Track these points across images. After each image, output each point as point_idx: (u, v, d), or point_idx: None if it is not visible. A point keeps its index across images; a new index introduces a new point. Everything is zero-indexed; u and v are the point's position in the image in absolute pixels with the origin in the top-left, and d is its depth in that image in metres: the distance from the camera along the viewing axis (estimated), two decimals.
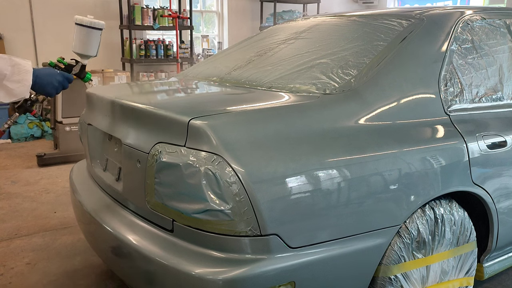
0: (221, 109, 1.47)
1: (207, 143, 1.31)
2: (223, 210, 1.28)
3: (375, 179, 1.46)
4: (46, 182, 3.91)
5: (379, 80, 1.64)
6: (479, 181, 1.74)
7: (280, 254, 1.32)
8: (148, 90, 2.21)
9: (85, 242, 2.57)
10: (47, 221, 3.05)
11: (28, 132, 5.51)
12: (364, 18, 2.11)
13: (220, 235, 1.32)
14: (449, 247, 1.73)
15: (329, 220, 1.40)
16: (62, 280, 2.32)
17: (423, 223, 1.62)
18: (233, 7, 7.98)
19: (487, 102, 1.90)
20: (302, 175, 1.34)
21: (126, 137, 1.64)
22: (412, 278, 1.64)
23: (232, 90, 1.91)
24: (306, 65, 1.84)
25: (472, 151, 1.71)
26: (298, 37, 2.21)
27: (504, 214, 1.86)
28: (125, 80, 6.08)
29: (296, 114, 1.48)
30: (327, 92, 1.60)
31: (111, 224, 1.64)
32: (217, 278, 1.27)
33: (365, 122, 1.53)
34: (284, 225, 1.32)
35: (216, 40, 8.16)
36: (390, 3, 9.40)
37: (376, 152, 1.49)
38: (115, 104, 1.81)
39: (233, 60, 2.33)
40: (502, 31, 2.06)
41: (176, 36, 6.21)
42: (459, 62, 1.83)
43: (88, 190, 2.00)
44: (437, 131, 1.68)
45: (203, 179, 1.29)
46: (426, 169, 1.57)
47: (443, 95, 1.74)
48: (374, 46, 1.78)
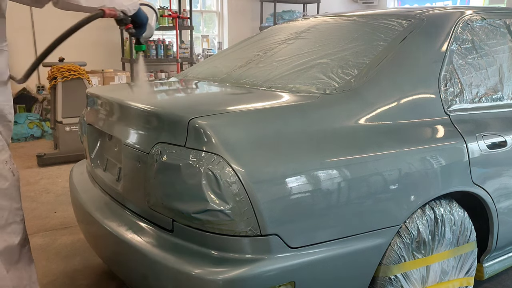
0: (221, 109, 1.47)
1: (207, 143, 1.31)
2: (223, 210, 1.28)
3: (375, 179, 1.46)
4: (46, 182, 3.91)
5: (379, 80, 1.64)
6: (479, 181, 1.74)
7: (280, 254, 1.32)
8: (148, 90, 2.21)
9: (85, 242, 2.57)
10: (47, 221, 3.05)
11: (28, 132, 5.51)
12: (364, 18, 2.11)
13: (220, 235, 1.32)
14: (449, 247, 1.73)
15: (329, 220, 1.40)
16: (62, 280, 2.32)
17: (423, 223, 1.62)
18: (233, 7, 7.98)
19: (487, 102, 1.90)
20: (302, 175, 1.34)
21: (126, 137, 1.64)
22: (412, 278, 1.64)
23: (232, 90, 1.91)
24: (306, 65, 1.84)
25: (472, 151, 1.71)
26: (298, 37, 2.21)
27: (504, 214, 1.86)
28: (125, 80, 6.08)
29: (296, 114, 1.48)
30: (327, 92, 1.60)
31: (111, 224, 1.64)
32: (217, 278, 1.27)
33: (365, 122, 1.53)
34: (284, 225, 1.32)
35: (216, 40, 8.16)
36: (390, 3, 9.41)
37: (376, 152, 1.49)
38: (115, 104, 1.81)
39: (233, 60, 2.33)
40: (502, 31, 2.06)
41: (176, 36, 6.21)
42: (459, 62, 1.83)
43: (88, 190, 2.00)
44: (437, 131, 1.68)
45: (203, 179, 1.29)
46: (426, 169, 1.57)
47: (443, 95, 1.74)
48: (374, 46, 1.78)
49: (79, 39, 1.77)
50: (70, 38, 1.93)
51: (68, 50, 4.49)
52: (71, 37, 1.97)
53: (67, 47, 1.81)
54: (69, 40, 2.10)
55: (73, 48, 1.86)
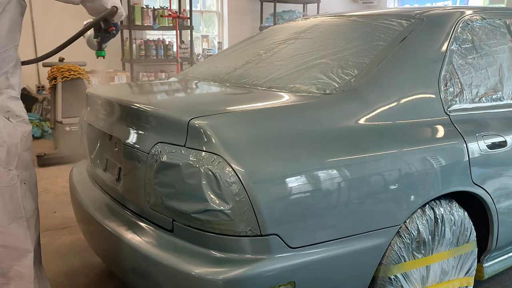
0: (221, 109, 1.47)
1: (207, 143, 1.31)
2: (223, 210, 1.28)
3: (375, 179, 1.46)
4: (46, 182, 3.91)
5: (379, 80, 1.64)
6: (479, 181, 1.74)
7: (280, 254, 1.32)
8: (148, 90, 2.21)
9: (84, 242, 2.57)
10: (46, 221, 3.05)
11: None
12: (364, 18, 2.11)
13: (220, 235, 1.32)
14: (449, 247, 1.73)
15: (329, 220, 1.40)
16: (61, 280, 2.32)
17: (423, 223, 1.62)
18: (233, 7, 7.97)
19: (487, 102, 1.90)
20: (302, 175, 1.34)
21: (126, 137, 1.64)
22: (412, 278, 1.64)
23: (232, 90, 1.91)
24: (306, 65, 1.84)
25: (472, 151, 1.71)
26: (298, 37, 2.21)
27: (504, 214, 1.86)
28: (125, 80, 6.08)
29: (296, 114, 1.48)
30: (327, 92, 1.60)
31: (111, 224, 1.64)
32: (217, 278, 1.27)
33: (365, 122, 1.53)
34: (284, 225, 1.32)
35: (216, 40, 8.16)
36: (390, 3, 9.41)
37: (376, 152, 1.49)
38: (115, 104, 1.81)
39: (233, 60, 2.33)
40: (502, 31, 2.06)
41: (176, 36, 6.21)
42: (459, 62, 1.83)
43: (88, 190, 2.00)
44: (437, 131, 1.68)
45: (203, 179, 1.29)
46: (426, 169, 1.57)
47: (443, 95, 1.74)
48: (374, 46, 1.78)
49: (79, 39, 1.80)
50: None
51: (68, 50, 4.49)
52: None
53: (67, 47, 1.81)
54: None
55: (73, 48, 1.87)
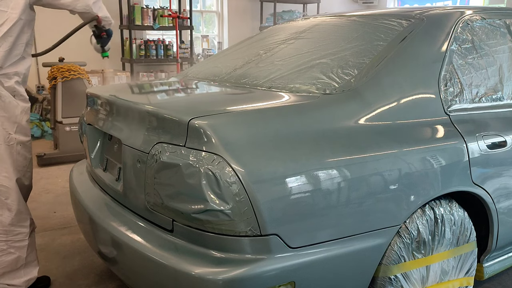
0: (221, 109, 1.47)
1: (207, 143, 1.31)
2: (223, 210, 1.28)
3: (375, 179, 1.46)
4: (46, 182, 3.91)
5: (379, 80, 1.63)
6: (479, 181, 1.74)
7: (280, 254, 1.32)
8: (148, 90, 2.21)
9: (84, 242, 2.57)
10: (46, 221, 3.05)
11: None
12: (364, 18, 2.11)
13: (220, 235, 1.32)
14: (449, 247, 1.73)
15: (329, 220, 1.40)
16: (62, 280, 2.32)
17: (423, 223, 1.62)
18: (233, 7, 7.98)
19: (487, 102, 1.90)
20: (302, 175, 1.34)
21: (126, 137, 1.64)
22: (412, 278, 1.64)
23: (232, 90, 1.91)
24: (306, 65, 1.84)
25: (472, 151, 1.71)
26: (298, 37, 2.21)
27: (504, 214, 1.86)
28: (125, 80, 6.08)
29: (296, 114, 1.48)
30: (327, 92, 1.60)
31: (111, 224, 1.64)
32: (217, 278, 1.27)
33: (365, 122, 1.53)
34: (284, 225, 1.32)
35: (216, 40, 8.16)
36: (390, 3, 9.41)
37: (376, 152, 1.49)
38: (115, 104, 1.81)
39: (233, 60, 2.33)
40: (502, 31, 2.06)
41: (176, 36, 6.21)
42: (459, 62, 1.83)
43: (88, 190, 2.00)
44: (437, 131, 1.68)
45: (203, 179, 1.29)
46: (426, 169, 1.57)
47: (443, 95, 1.74)
48: (374, 46, 1.78)
49: (79, 39, 1.81)
50: (70, 38, 1.97)
51: (68, 50, 4.49)
52: (71, 37, 2.04)
53: (67, 47, 1.81)
54: (69, 40, 2.15)
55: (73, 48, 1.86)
